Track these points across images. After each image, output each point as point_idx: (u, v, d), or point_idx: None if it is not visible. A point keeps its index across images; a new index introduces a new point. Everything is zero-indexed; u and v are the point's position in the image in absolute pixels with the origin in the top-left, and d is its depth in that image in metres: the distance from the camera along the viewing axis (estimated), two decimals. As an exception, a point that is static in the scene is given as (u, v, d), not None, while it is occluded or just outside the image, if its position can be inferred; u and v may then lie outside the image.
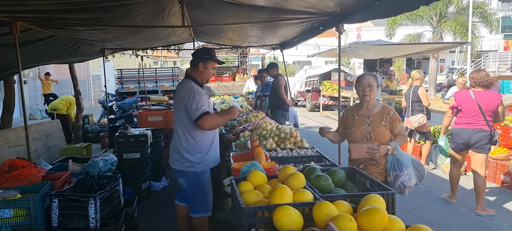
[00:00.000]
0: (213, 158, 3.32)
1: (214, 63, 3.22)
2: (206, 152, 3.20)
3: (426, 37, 19.04)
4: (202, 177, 3.21)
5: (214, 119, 3.04)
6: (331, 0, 3.35)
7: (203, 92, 3.13)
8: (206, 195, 3.27)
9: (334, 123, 12.51)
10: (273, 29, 5.55)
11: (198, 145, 3.14)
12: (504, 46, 31.00)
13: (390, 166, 3.02)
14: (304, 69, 17.78)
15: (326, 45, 24.58)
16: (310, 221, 1.92)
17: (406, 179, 2.95)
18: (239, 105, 9.37)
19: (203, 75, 3.18)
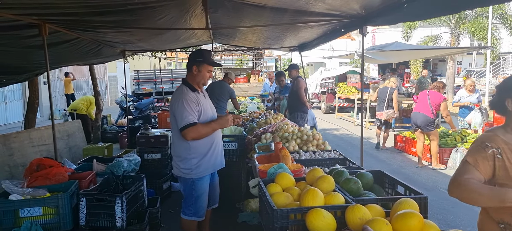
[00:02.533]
0: (213, 162, 3.15)
1: (209, 66, 3.06)
2: (204, 156, 3.04)
3: (443, 39, 18.71)
4: (198, 184, 3.07)
5: (199, 129, 2.91)
6: (357, 2, 3.33)
7: (195, 99, 2.97)
8: (199, 201, 3.11)
9: (349, 125, 12.42)
10: (293, 31, 5.54)
11: (194, 150, 3.00)
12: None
13: None
14: (319, 71, 17.69)
15: (340, 47, 24.41)
16: (342, 224, 1.92)
17: None
18: (256, 107, 9.38)
19: (197, 79, 3.05)
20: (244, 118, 7.07)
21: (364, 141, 9.47)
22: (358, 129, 11.44)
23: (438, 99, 6.62)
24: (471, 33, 16.54)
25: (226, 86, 6.99)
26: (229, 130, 4.85)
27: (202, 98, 3.09)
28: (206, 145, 3.05)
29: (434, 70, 33.31)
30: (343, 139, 10.04)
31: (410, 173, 6.47)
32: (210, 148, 3.08)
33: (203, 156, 3.04)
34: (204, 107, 3.05)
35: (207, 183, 3.17)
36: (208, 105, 3.15)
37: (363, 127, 11.46)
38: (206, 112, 3.05)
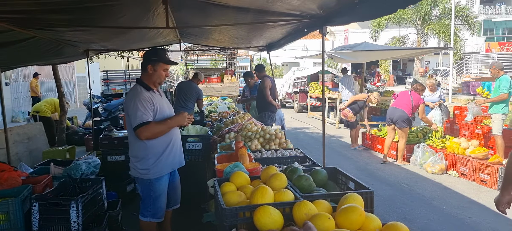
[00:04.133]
0: (171, 161, 3.11)
1: (164, 64, 3.01)
2: (161, 155, 3.00)
3: (410, 39, 19.35)
4: (156, 184, 3.03)
5: (154, 128, 2.88)
6: (314, 2, 3.38)
7: (149, 98, 2.93)
8: (158, 202, 3.07)
9: (321, 124, 12.56)
10: (258, 31, 5.57)
11: (151, 149, 2.96)
12: (486, 49, 31.69)
13: None
14: (292, 71, 17.87)
15: (314, 47, 24.75)
16: (290, 220, 1.95)
17: None
18: (226, 107, 9.37)
19: (153, 78, 3.00)
20: (213, 118, 7.05)
21: (335, 139, 9.76)
22: (329, 128, 11.72)
23: (418, 101, 6.82)
24: (436, 34, 17.17)
25: (194, 86, 6.95)
26: (195, 129, 4.82)
27: (157, 97, 3.05)
28: (163, 144, 3.01)
29: (404, 69, 34.40)
30: (314, 137, 10.18)
31: (375, 169, 6.64)
32: (168, 146, 3.04)
33: (160, 155, 3.00)
34: (160, 107, 3.00)
35: (166, 184, 3.13)
36: (164, 105, 3.10)
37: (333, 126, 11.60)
38: (162, 112, 3.01)
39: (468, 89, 17.87)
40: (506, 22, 34.25)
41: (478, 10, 33.06)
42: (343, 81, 11.35)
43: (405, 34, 19.09)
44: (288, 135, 8.35)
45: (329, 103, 12.79)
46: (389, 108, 7.18)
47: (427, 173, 6.24)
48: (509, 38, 34.34)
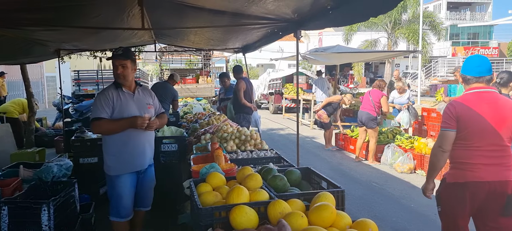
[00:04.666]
0: (132, 162, 3.13)
1: (116, 60, 3.03)
2: (119, 155, 3.07)
3: (381, 43, 19.96)
4: (115, 182, 3.10)
5: (105, 125, 2.97)
6: (288, 7, 3.47)
7: (111, 96, 3.02)
8: (120, 200, 3.12)
9: (295, 125, 12.75)
10: (234, 33, 5.62)
11: (110, 146, 3.08)
12: (452, 53, 33.12)
13: None
14: (267, 72, 18.01)
15: (289, 48, 25.03)
16: (265, 219, 2.01)
17: None
18: (201, 108, 9.35)
19: (115, 76, 3.09)
20: (188, 119, 7.03)
21: (309, 140, 9.93)
22: (304, 128, 11.91)
23: (378, 96, 7.15)
24: (405, 38, 17.80)
25: (169, 87, 6.91)
26: (170, 131, 4.81)
27: (126, 96, 3.07)
28: (118, 143, 3.06)
29: (376, 72, 35.34)
30: (289, 138, 10.33)
31: (347, 169, 6.84)
32: (126, 146, 3.07)
33: (119, 154, 3.07)
34: (123, 106, 3.03)
35: (127, 183, 3.15)
36: (132, 105, 3.08)
37: (308, 127, 11.77)
38: (125, 111, 3.02)
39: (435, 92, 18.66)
40: (470, 28, 35.91)
41: (444, 16, 34.49)
42: (317, 83, 11.57)
43: (377, 38, 19.71)
44: (264, 136, 8.44)
45: (303, 105, 13.00)
46: (358, 112, 7.47)
47: (397, 172, 6.49)
48: (473, 42, 36.04)
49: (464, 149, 2.61)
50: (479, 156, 2.57)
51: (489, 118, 2.57)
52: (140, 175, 3.25)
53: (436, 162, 2.73)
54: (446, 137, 2.63)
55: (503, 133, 2.57)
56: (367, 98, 7.24)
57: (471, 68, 2.71)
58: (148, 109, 3.20)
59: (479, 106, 2.59)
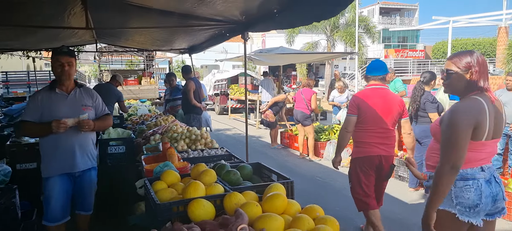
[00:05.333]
0: (61, 165, 3.09)
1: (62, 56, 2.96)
2: (49, 156, 3.08)
3: (322, 45, 20.96)
4: (45, 184, 3.12)
5: (28, 128, 3.01)
6: (237, 9, 3.61)
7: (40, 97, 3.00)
8: (49, 203, 3.11)
9: (242, 125, 12.96)
10: (182, 34, 5.64)
11: (42, 148, 3.11)
12: (384, 55, 35.68)
13: None
14: (212, 73, 18.03)
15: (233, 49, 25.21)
16: (222, 211, 2.13)
17: None
18: (147, 110, 9.15)
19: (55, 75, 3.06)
20: (134, 121, 6.88)
21: (255, 139, 10.16)
22: (250, 128, 12.07)
23: (309, 95, 7.58)
24: (343, 40, 18.90)
25: (113, 89, 6.70)
26: (116, 133, 4.72)
27: (58, 98, 3.02)
28: (48, 145, 3.05)
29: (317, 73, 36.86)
30: (235, 138, 10.48)
31: (293, 166, 7.16)
32: (55, 149, 3.04)
33: (49, 156, 3.06)
34: (52, 108, 2.98)
35: (56, 186, 3.10)
36: (63, 107, 3.02)
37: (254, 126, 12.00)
38: (55, 113, 2.96)
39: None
40: (400, 32, 38.90)
41: (377, 20, 37.03)
42: (262, 83, 11.86)
43: (317, 40, 20.68)
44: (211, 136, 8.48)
45: (249, 105, 13.24)
46: (293, 111, 7.89)
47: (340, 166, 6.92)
48: (403, 45, 39.09)
49: (362, 131, 3.46)
50: (372, 136, 3.40)
51: (379, 107, 3.41)
52: (76, 178, 3.20)
53: (341, 140, 3.60)
54: (349, 121, 3.47)
55: (388, 120, 3.43)
56: (300, 97, 7.63)
57: (370, 70, 3.59)
58: (83, 111, 3.10)
59: (373, 99, 3.43)
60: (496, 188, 2.12)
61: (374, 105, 3.41)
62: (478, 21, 25.64)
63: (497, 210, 2.16)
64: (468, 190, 2.09)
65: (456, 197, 2.11)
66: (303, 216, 1.92)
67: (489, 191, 2.09)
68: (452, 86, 2.18)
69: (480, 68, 2.09)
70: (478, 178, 2.09)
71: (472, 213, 2.08)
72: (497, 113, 2.10)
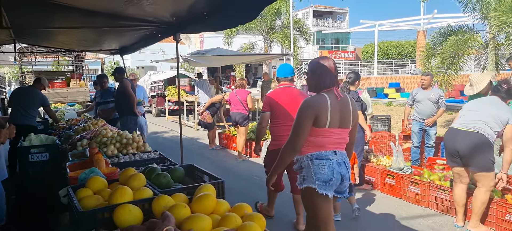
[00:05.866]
0: None
1: None
2: None
3: (259, 46, 21.36)
4: None
5: None
6: (166, 10, 3.58)
7: None
8: None
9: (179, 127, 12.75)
10: (111, 34, 5.43)
11: None
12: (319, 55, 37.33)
13: None
14: (148, 75, 17.48)
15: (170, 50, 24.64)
16: (151, 215, 2.10)
17: None
18: (75, 114, 8.62)
19: None
20: (60, 126, 6.44)
21: (194, 141, 10.07)
22: (188, 130, 11.99)
23: (244, 95, 7.67)
24: (279, 42, 19.46)
25: (37, 92, 6.20)
26: (39, 139, 4.41)
27: None
28: None
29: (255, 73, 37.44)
30: (173, 140, 10.28)
31: (231, 166, 7.22)
32: None
33: None
34: None
35: None
36: None
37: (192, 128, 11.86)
38: None
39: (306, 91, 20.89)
40: (333, 34, 41.01)
41: (311, 22, 38.66)
42: (199, 84, 11.79)
43: (254, 41, 21.04)
44: (147, 140, 8.26)
45: (187, 106, 13.07)
46: (231, 113, 7.90)
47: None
48: (335, 47, 41.24)
49: (275, 126, 3.90)
50: (284, 129, 3.73)
51: (288, 104, 3.81)
52: None
53: (258, 133, 4.21)
54: (263, 117, 3.97)
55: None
56: (235, 99, 7.70)
57: (279, 72, 4.03)
58: None
59: (283, 97, 3.87)
60: (344, 170, 2.55)
61: (284, 102, 3.85)
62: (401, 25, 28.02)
63: (344, 188, 2.60)
64: (323, 167, 2.47)
65: (315, 174, 2.48)
66: (231, 215, 1.98)
67: (339, 170, 2.50)
68: (308, 85, 2.67)
69: (323, 71, 2.53)
70: (331, 159, 2.49)
71: (327, 186, 2.47)
72: (342, 107, 2.52)
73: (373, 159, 5.78)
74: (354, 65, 35.27)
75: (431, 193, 4.63)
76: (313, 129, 2.47)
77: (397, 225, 4.26)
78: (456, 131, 3.87)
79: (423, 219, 4.37)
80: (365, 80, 23.68)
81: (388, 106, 14.01)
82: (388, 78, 22.42)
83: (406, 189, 4.95)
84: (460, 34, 9.77)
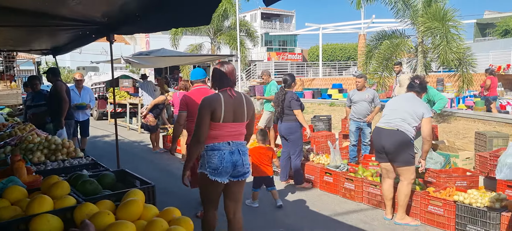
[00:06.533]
0: None
1: None
2: None
3: (206, 47, 21.21)
4: None
5: None
6: (96, 10, 3.45)
7: None
8: None
9: (122, 130, 12.24)
10: (40, 34, 5.09)
11: None
12: (267, 57, 37.97)
13: None
14: (89, 76, 16.62)
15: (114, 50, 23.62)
16: (73, 224, 2.02)
17: None
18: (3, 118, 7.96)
19: None
20: (-16, 132, 5.91)
21: (137, 144, 9.75)
22: (132, 133, 11.60)
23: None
24: (227, 43, 19.47)
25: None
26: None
27: None
28: None
29: (204, 74, 37.20)
30: (114, 145, 9.84)
31: (175, 169, 7.09)
32: None
33: None
34: None
35: None
36: None
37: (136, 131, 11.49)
38: None
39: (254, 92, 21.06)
40: (280, 36, 41.88)
41: (259, 24, 39.16)
42: (142, 86, 11.45)
43: (201, 42, 20.86)
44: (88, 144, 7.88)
45: (130, 109, 12.63)
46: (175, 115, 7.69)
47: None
48: (283, 49, 42.16)
49: (192, 123, 3.89)
50: None
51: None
52: None
53: (175, 132, 4.32)
54: (180, 116, 4.15)
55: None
56: (178, 100, 7.56)
57: (193, 76, 4.37)
58: None
59: (197, 96, 4.00)
60: (237, 157, 2.93)
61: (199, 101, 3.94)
62: (344, 29, 29.32)
63: (240, 173, 2.97)
64: (213, 157, 2.87)
65: (207, 162, 2.88)
66: (157, 220, 1.96)
67: (230, 159, 2.89)
68: (212, 86, 3.10)
69: (220, 75, 2.97)
70: (223, 150, 2.88)
71: (217, 173, 2.87)
72: (236, 105, 2.94)
73: (313, 158, 6.00)
74: (301, 67, 36.30)
75: (365, 188, 4.92)
76: (211, 123, 2.86)
77: (330, 221, 4.45)
78: (380, 129, 4.16)
79: (356, 213, 4.62)
80: (311, 82, 24.47)
81: (331, 107, 14.58)
82: (332, 80, 23.36)
83: (342, 185, 5.20)
84: (393, 38, 10.47)
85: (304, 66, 36.82)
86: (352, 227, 4.23)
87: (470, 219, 3.80)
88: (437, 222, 4.08)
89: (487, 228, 3.67)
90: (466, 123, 9.85)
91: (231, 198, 3.09)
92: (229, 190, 3.04)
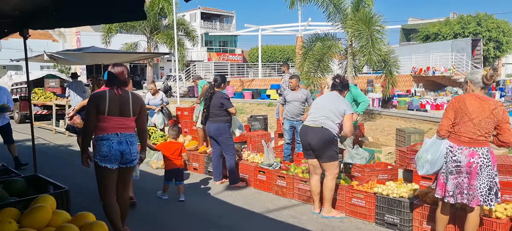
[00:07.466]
0: None
1: None
2: None
3: (142, 46, 20.47)
4: None
5: None
6: (8, 3, 3.16)
7: None
8: None
9: (48, 134, 11.38)
10: None
11: None
12: (208, 58, 37.69)
13: None
14: (9, 75, 15.17)
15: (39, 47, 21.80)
16: (-32, 237, 1.83)
17: None
18: None
19: None
20: None
21: (64, 148, 9.11)
22: (58, 137, 10.80)
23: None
24: (164, 42, 18.97)
25: None
26: None
27: None
28: None
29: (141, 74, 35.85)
30: (39, 149, 9.10)
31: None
32: None
33: None
34: None
35: None
36: None
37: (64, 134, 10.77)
38: None
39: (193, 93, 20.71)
40: (221, 37, 41.81)
41: (199, 24, 38.73)
42: (70, 86, 10.74)
43: (137, 41, 20.09)
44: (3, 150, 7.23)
45: (57, 111, 11.78)
46: None
47: (153, 168, 6.92)
48: (223, 49, 42.15)
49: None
50: None
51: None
52: None
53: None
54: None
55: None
56: None
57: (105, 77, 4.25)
58: None
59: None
60: (125, 147, 3.29)
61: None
62: (282, 31, 30.09)
63: (128, 160, 3.35)
64: (103, 146, 3.21)
65: (98, 151, 3.23)
66: (67, 226, 1.85)
67: (118, 148, 3.24)
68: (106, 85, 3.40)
69: (110, 76, 3.34)
70: (112, 140, 3.24)
71: (106, 160, 3.22)
72: (121, 100, 3.32)
73: (247, 157, 6.08)
74: (242, 67, 36.57)
75: (295, 185, 5.09)
76: (99, 116, 3.22)
77: (262, 218, 4.54)
78: (306, 127, 4.35)
79: (287, 209, 4.76)
80: (251, 82, 24.75)
81: (269, 107, 14.89)
82: (271, 80, 23.84)
83: (275, 183, 5.33)
84: (325, 41, 10.99)
85: (245, 67, 37.15)
86: (282, 223, 4.35)
87: (387, 209, 4.11)
88: (360, 213, 4.35)
89: (402, 217, 4.00)
90: (390, 121, 10.66)
91: (120, 181, 3.45)
92: (119, 174, 3.40)
